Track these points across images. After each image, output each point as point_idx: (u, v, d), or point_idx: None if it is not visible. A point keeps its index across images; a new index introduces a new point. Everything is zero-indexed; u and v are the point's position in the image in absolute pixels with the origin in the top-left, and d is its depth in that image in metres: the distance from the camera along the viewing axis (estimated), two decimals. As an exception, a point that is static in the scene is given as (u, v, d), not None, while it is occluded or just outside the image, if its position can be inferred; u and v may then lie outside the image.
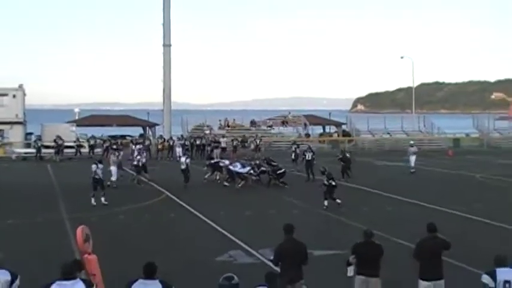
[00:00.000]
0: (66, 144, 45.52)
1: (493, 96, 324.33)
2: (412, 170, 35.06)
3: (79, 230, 9.43)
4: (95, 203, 23.05)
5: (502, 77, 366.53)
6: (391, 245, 14.57)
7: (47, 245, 16.83)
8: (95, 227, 18.75)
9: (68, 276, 7.67)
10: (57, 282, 7.62)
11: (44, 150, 45.32)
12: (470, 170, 36.04)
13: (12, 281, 8.12)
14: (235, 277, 7.60)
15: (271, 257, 10.95)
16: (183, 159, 29.32)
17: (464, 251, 14.35)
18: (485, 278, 8.75)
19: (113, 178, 28.53)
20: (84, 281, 7.84)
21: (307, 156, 31.87)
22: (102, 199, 23.33)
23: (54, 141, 44.92)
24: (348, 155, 32.81)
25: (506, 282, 8.65)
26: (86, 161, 40.47)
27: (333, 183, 22.77)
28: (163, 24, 53.75)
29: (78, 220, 20.34)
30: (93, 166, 23.96)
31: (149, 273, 7.91)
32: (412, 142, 39.11)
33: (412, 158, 35.60)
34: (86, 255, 9.29)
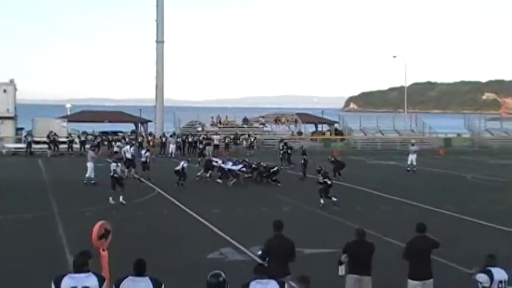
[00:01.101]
0: (60, 139, 45.39)
1: (484, 97, 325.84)
2: (413, 169, 35.28)
3: (97, 225, 9.34)
4: (113, 202, 22.49)
5: (493, 78, 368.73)
6: (382, 244, 14.58)
7: (37, 241, 16.75)
8: (85, 223, 18.78)
9: (80, 269, 7.62)
10: (70, 275, 7.57)
11: (34, 146, 45.14)
12: (461, 170, 36.17)
13: None
14: (223, 274, 7.56)
15: (259, 252, 10.97)
16: (182, 163, 28.40)
17: (454, 251, 14.41)
18: (482, 277, 8.81)
19: (87, 175, 28.22)
20: (97, 275, 7.78)
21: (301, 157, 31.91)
22: (121, 197, 22.70)
23: (48, 136, 44.80)
24: (338, 159, 32.71)
25: (500, 282, 8.80)
26: (77, 157, 40.46)
27: (328, 181, 22.84)
28: (157, 21, 53.65)
29: (69, 216, 20.37)
30: (113, 165, 23.61)
31: (139, 270, 7.86)
32: (413, 141, 39.33)
33: (413, 157, 35.77)
34: (100, 251, 9.25)
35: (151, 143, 46.61)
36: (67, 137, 46.29)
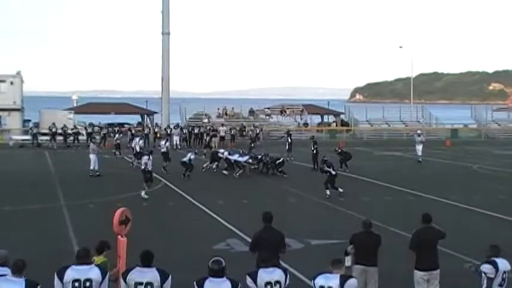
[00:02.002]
0: (59, 131, 45.48)
1: (491, 87, 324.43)
2: (419, 160, 35.19)
3: (118, 211, 9.49)
4: (146, 196, 22.18)
5: (500, 68, 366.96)
6: (388, 234, 14.59)
7: (44, 232, 16.85)
8: (92, 215, 18.92)
9: (83, 261, 7.68)
10: (72, 267, 7.65)
11: (41, 137, 45.27)
12: (467, 161, 36.09)
13: None
14: (223, 260, 7.71)
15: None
16: (189, 155, 28.32)
17: (460, 241, 14.40)
18: (487, 268, 8.86)
19: (92, 167, 28.29)
20: (99, 267, 7.85)
21: (313, 149, 31.77)
22: (143, 192, 22.42)
23: (49, 129, 44.95)
24: (345, 150, 32.66)
25: (504, 272, 8.88)
26: (84, 148, 40.54)
27: (333, 172, 22.84)
28: (162, 12, 53.53)
29: (75, 207, 20.47)
30: (145, 157, 23.37)
31: (146, 261, 7.91)
32: (419, 131, 39.30)
33: (419, 147, 35.73)
34: (119, 237, 9.34)
35: (158, 135, 46.66)
36: (72, 129, 46.42)
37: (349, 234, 10.58)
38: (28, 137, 46.28)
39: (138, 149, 31.02)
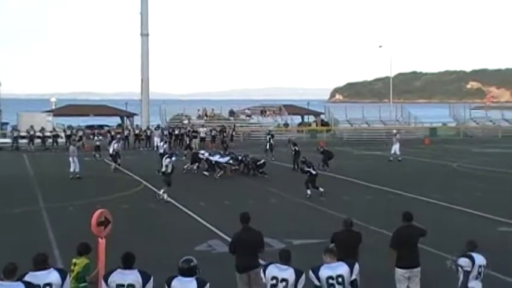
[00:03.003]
0: (37, 134, 45.11)
1: (469, 86, 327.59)
2: (398, 158, 35.58)
3: (97, 212, 9.39)
4: (168, 199, 21.98)
5: (477, 67, 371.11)
6: (369, 233, 14.68)
7: (25, 236, 16.66)
8: (72, 218, 18.76)
9: (41, 266, 7.61)
10: (30, 273, 7.57)
11: (20, 141, 44.81)
12: (446, 159, 36.41)
13: None
14: (194, 259, 7.80)
15: None
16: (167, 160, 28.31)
17: (441, 239, 14.52)
18: (464, 261, 9.15)
19: (72, 169, 28.13)
20: (58, 270, 7.79)
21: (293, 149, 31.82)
22: (162, 191, 22.20)
23: (27, 131, 44.57)
24: (326, 149, 32.85)
25: (479, 266, 9.17)
26: (63, 151, 40.19)
27: (313, 171, 22.91)
28: (141, 13, 53.28)
29: (55, 210, 20.29)
30: (168, 160, 22.75)
31: (128, 263, 7.88)
32: (395, 131, 39.75)
33: (396, 146, 36.06)
34: (99, 239, 9.28)
35: (141, 136, 46.39)
36: (51, 131, 46.00)
37: (330, 234, 10.62)
38: (6, 140, 45.79)
39: (111, 151, 31.70)
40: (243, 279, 10.20)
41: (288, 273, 8.05)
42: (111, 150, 31.72)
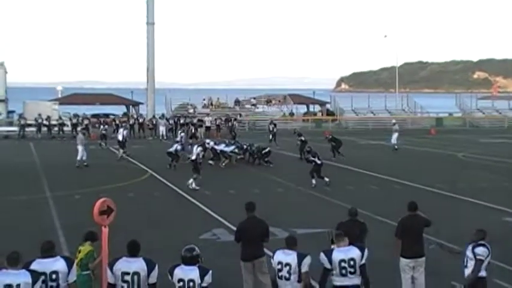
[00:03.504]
0: (45, 123, 45.27)
1: (475, 76, 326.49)
2: (395, 147, 35.41)
3: (99, 201, 9.40)
4: (198, 187, 21.99)
5: (484, 57, 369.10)
6: (374, 222, 14.69)
7: (31, 223, 16.76)
8: (78, 206, 18.83)
9: (47, 254, 7.66)
10: (37, 260, 7.62)
11: (26, 129, 44.97)
12: (452, 149, 36.33)
13: (34, 283, 7.24)
14: (197, 248, 7.89)
15: None
16: (176, 145, 28.40)
17: (446, 229, 14.50)
18: (482, 251, 8.94)
19: (79, 157, 28.14)
20: (65, 258, 7.83)
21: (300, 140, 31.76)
22: (191, 180, 22.17)
23: (35, 120, 44.73)
24: (336, 137, 32.85)
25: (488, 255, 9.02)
26: (69, 139, 40.30)
27: (318, 161, 22.89)
28: (147, 2, 53.21)
29: (61, 199, 20.37)
30: (199, 148, 23.21)
31: (133, 251, 7.92)
32: (394, 121, 39.66)
33: (394, 136, 35.99)
34: (102, 227, 9.33)
35: (149, 125, 46.45)
36: (57, 120, 46.13)
37: (335, 223, 10.63)
38: (13, 128, 45.96)
39: (120, 138, 31.66)
40: (247, 267, 10.25)
41: (291, 258, 8.30)
42: (120, 137, 31.65)
